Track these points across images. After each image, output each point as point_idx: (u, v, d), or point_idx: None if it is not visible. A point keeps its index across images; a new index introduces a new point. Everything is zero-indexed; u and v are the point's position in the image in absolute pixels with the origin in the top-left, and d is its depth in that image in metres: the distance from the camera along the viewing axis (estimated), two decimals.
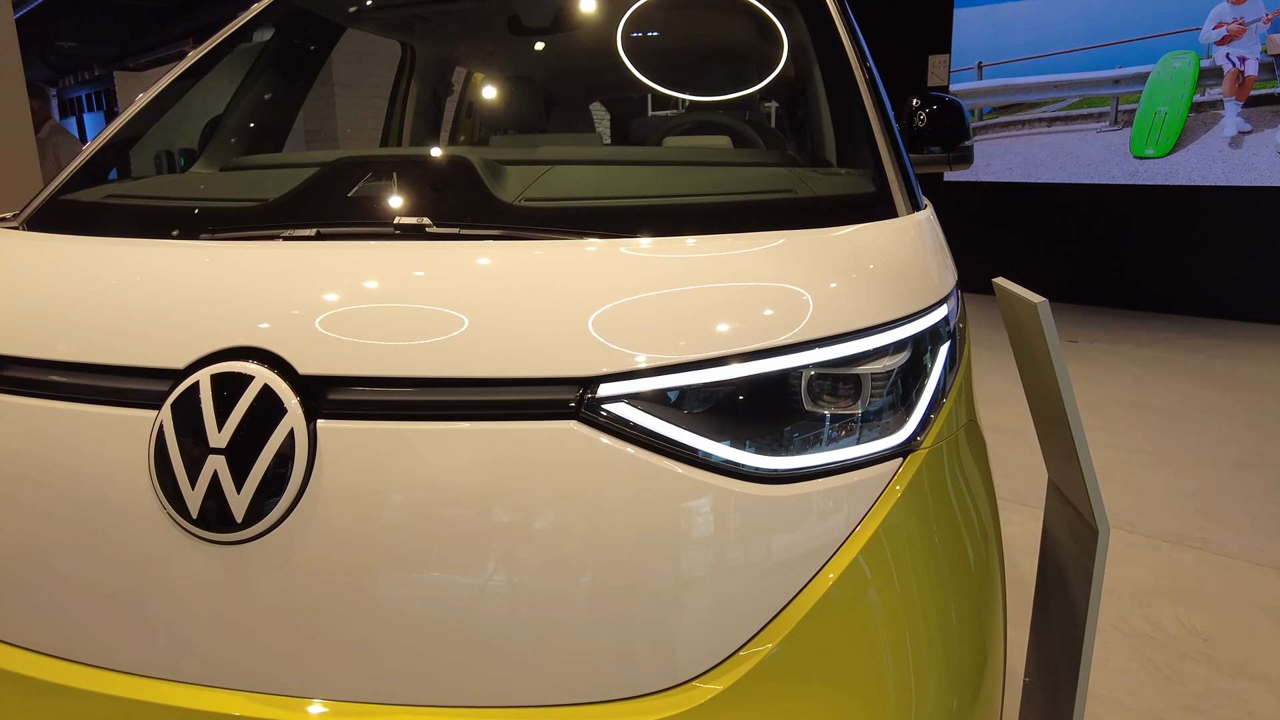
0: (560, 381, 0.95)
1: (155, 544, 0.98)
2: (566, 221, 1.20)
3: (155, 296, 1.08)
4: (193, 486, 0.95)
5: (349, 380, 0.97)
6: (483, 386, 0.95)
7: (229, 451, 0.94)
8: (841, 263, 1.10)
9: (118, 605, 1.01)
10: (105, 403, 1.03)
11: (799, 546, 0.96)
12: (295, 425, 0.94)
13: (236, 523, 0.94)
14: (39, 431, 1.06)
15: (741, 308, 1.01)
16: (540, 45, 2.64)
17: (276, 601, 0.95)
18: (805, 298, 1.02)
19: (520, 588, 0.93)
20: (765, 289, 1.03)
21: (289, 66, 2.35)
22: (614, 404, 0.94)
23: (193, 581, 0.97)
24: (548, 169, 1.43)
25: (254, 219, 1.31)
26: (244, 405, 0.95)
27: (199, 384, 0.97)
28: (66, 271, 1.19)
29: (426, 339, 0.97)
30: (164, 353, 1.01)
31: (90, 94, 11.42)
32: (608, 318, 0.98)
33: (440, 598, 0.94)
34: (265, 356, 0.97)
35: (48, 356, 1.07)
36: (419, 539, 0.94)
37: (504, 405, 0.95)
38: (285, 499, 0.93)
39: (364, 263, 1.09)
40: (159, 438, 0.97)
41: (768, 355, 0.97)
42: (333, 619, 0.94)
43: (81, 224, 1.36)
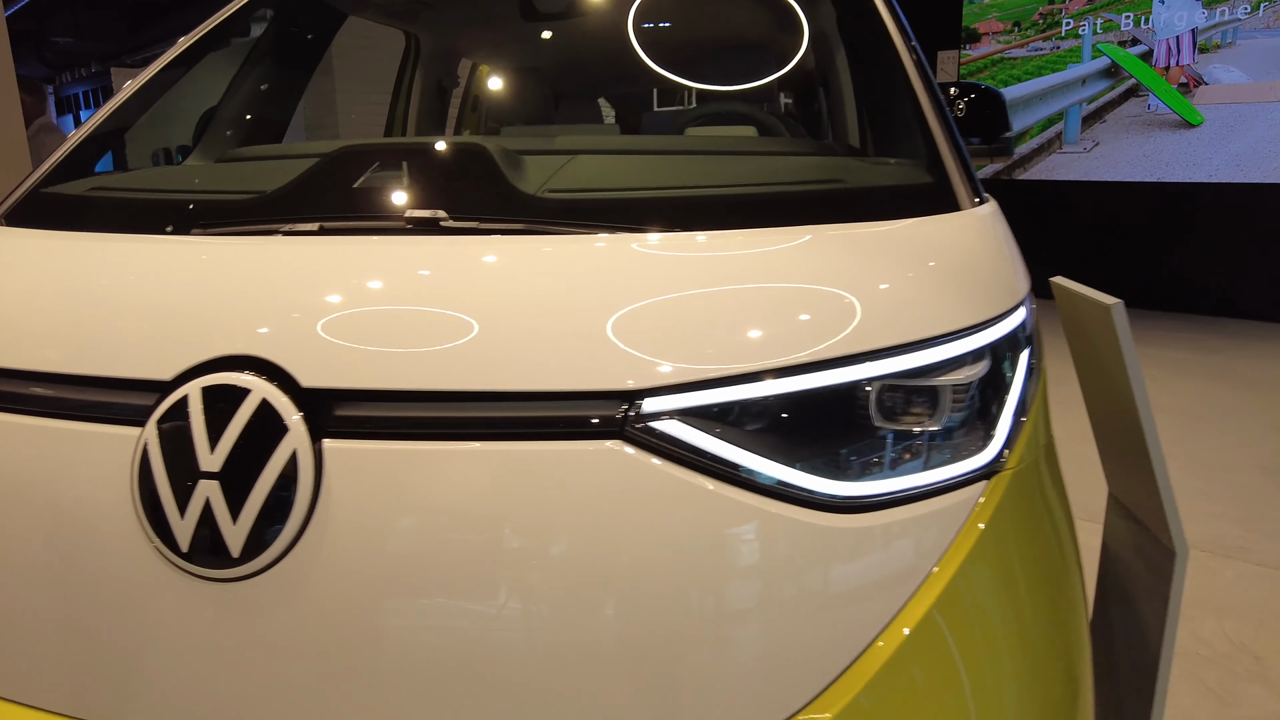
0: (600, 395, 0.83)
1: (138, 580, 0.87)
2: (597, 215, 1.07)
3: (139, 298, 0.97)
4: (182, 515, 0.83)
5: (358, 394, 0.85)
6: (511, 401, 0.83)
7: (223, 475, 0.82)
8: (915, 261, 0.98)
9: (95, 650, 0.89)
10: (81, 418, 0.91)
11: (877, 585, 0.84)
12: (299, 445, 0.82)
13: (233, 557, 0.82)
14: (5, 450, 0.94)
15: (808, 311, 0.89)
16: (552, 33, 2.52)
17: (279, 647, 0.83)
18: (878, 299, 0.91)
19: (559, 629, 0.81)
20: (833, 290, 0.91)
21: (288, 55, 2.24)
22: (662, 421, 0.82)
23: (182, 624, 0.85)
24: (568, 159, 1.31)
25: (250, 213, 1.19)
26: (240, 422, 0.83)
27: (188, 398, 0.85)
28: (42, 270, 1.07)
29: (447, 347, 0.85)
30: (149, 362, 0.89)
31: (87, 91, 11.28)
32: (654, 323, 0.86)
33: (468, 643, 0.82)
34: (263, 366, 0.85)
35: (17, 365, 0.96)
36: (442, 576, 0.82)
37: (536, 423, 0.83)
38: (288, 530, 0.82)
39: (373, 261, 0.97)
40: (143, 459, 0.85)
41: (839, 365, 0.85)
42: (344, 667, 0.82)
43: (62, 219, 1.24)
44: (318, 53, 2.33)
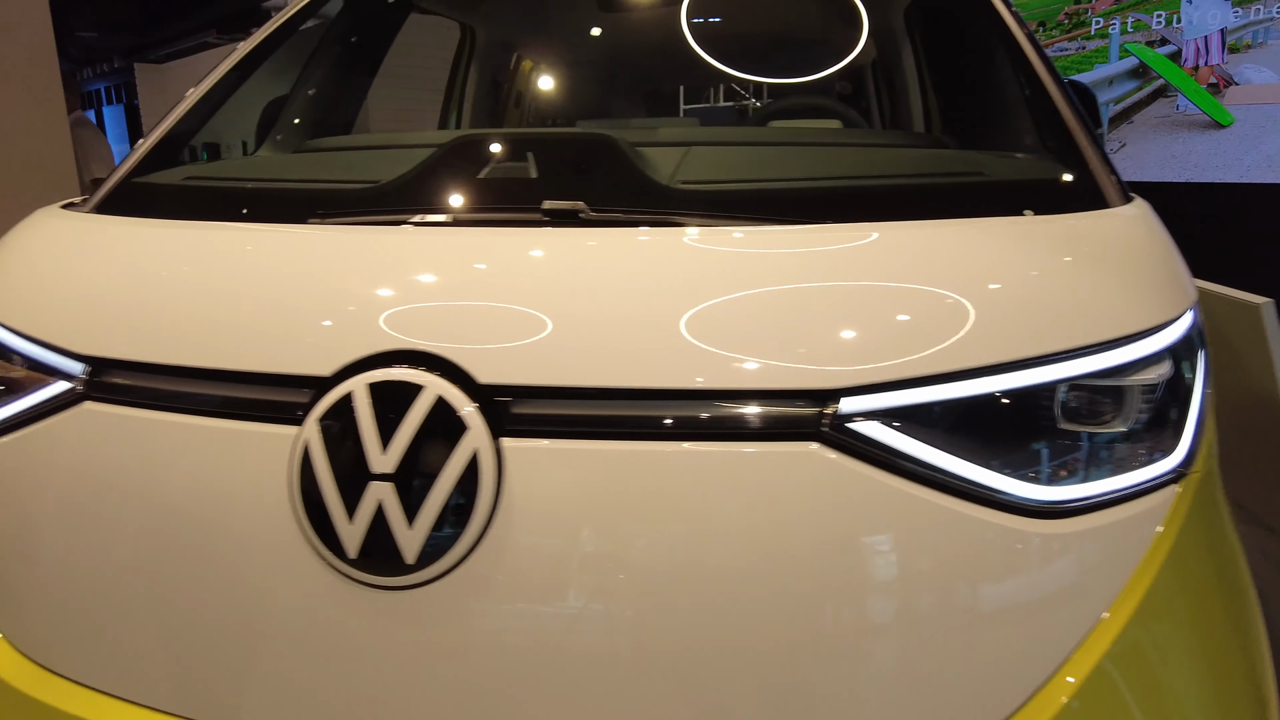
0: (795, 395, 0.79)
1: (297, 587, 0.83)
2: (745, 207, 1.04)
3: (285, 290, 0.93)
4: (350, 519, 0.79)
5: (537, 391, 0.81)
6: (699, 401, 0.80)
7: (396, 477, 0.78)
8: (1095, 259, 0.94)
9: (250, 661, 0.86)
10: (229, 415, 0.88)
11: (1077, 591, 0.81)
12: (480, 445, 0.78)
13: (407, 563, 0.78)
14: (146, 450, 0.91)
15: (1000, 308, 0.85)
16: (620, 25, 2.47)
17: (454, 659, 0.80)
18: (1067, 297, 0.87)
19: (755, 636, 0.77)
20: (1021, 286, 0.87)
21: (356, 47, 2.19)
22: (859, 421, 0.78)
23: (347, 633, 0.82)
24: (685, 151, 1.27)
25: (370, 202, 1.15)
26: (414, 421, 0.79)
27: (353, 395, 0.81)
28: (171, 260, 1.03)
29: (628, 344, 0.81)
30: (304, 357, 0.85)
31: (109, 87, 11.26)
32: (846, 320, 0.82)
33: (658, 653, 0.78)
34: (432, 362, 0.82)
35: (155, 360, 0.92)
36: (630, 582, 0.78)
37: (727, 423, 0.79)
38: (468, 535, 0.78)
39: (528, 253, 0.93)
40: (304, 459, 0.81)
41: (1035, 365, 0.82)
42: (524, 680, 0.79)
43: (171, 208, 1.20)
44: (385, 45, 2.29)
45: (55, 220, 1.26)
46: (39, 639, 0.99)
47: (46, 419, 0.97)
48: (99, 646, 0.94)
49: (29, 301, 1.05)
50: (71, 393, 0.95)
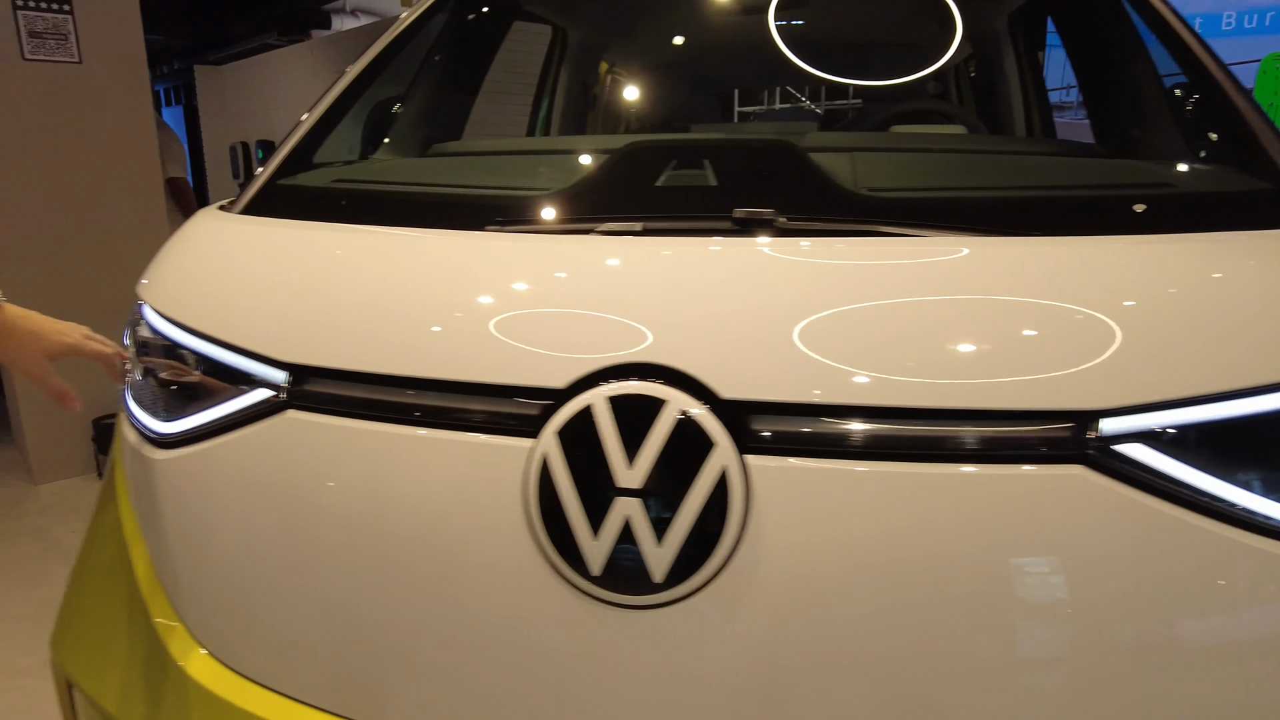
0: (1054, 416, 0.76)
1: (531, 603, 0.81)
2: (945, 216, 1.00)
3: (504, 300, 0.91)
4: (595, 535, 0.77)
5: (780, 408, 0.79)
6: (951, 420, 0.77)
7: (643, 493, 0.77)
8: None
9: (476, 677, 0.84)
10: (446, 426, 0.86)
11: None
12: (728, 462, 0.76)
13: (655, 582, 0.76)
14: (355, 459, 0.90)
15: (1263, 322, 0.81)
16: (718, 25, 2.45)
17: (701, 680, 0.78)
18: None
19: (1017, 670, 0.75)
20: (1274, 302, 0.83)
21: (465, 53, 2.19)
22: (1125, 444, 0.75)
23: (588, 652, 0.80)
24: (851, 156, 1.24)
25: (555, 210, 1.13)
26: (660, 436, 0.77)
27: (592, 408, 0.79)
28: (368, 266, 1.02)
29: (872, 360, 0.78)
30: (533, 369, 0.84)
31: (168, 88, 11.47)
32: (1100, 334, 0.79)
33: (912, 681, 0.76)
34: (669, 375, 0.80)
35: (363, 368, 0.91)
36: (881, 605, 0.75)
37: (982, 444, 0.76)
38: (718, 554, 0.76)
39: (751, 263, 0.90)
40: (542, 473, 0.80)
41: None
42: (776, 703, 0.77)
43: (336, 211, 1.19)
44: (493, 50, 2.29)
45: (227, 225, 1.26)
46: (240, 647, 0.98)
47: (247, 426, 0.97)
48: (304, 657, 0.94)
49: (222, 308, 1.05)
50: (274, 400, 0.95)
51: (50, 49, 3.55)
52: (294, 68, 8.15)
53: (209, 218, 1.32)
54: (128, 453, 1.14)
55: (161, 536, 1.06)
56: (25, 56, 3.51)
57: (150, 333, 1.15)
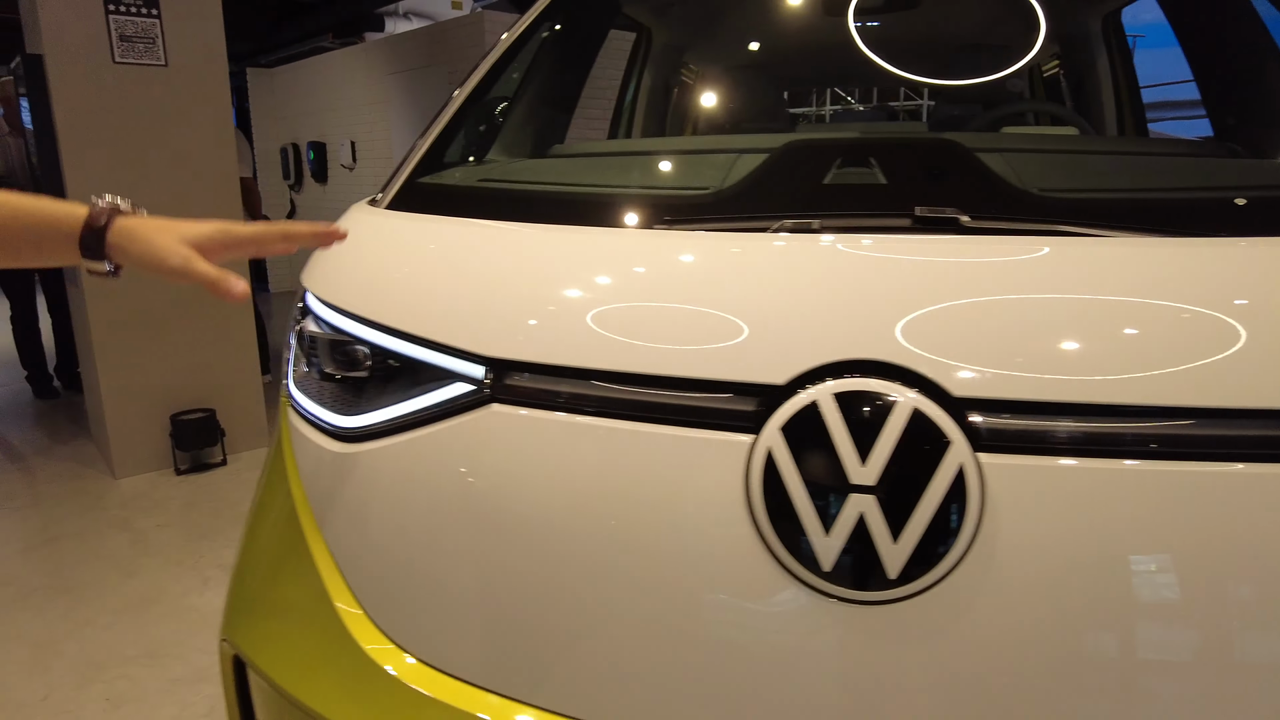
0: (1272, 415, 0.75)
1: (756, 601, 0.82)
2: (1133, 217, 0.99)
3: (711, 296, 0.92)
4: (826, 532, 0.78)
5: (1010, 406, 0.79)
6: (1183, 417, 0.76)
7: (877, 491, 0.77)
8: None
9: (705, 678, 0.85)
10: (660, 421, 0.88)
11: None
12: (964, 461, 0.76)
13: (888, 578, 0.77)
14: (563, 453, 0.91)
15: None
16: (808, 25, 2.44)
17: (932, 674, 0.78)
18: None
19: (1269, 675, 0.74)
20: None
21: (572, 52, 2.21)
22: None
23: (822, 648, 0.81)
24: (1013, 156, 1.23)
25: (722, 208, 1.14)
26: (893, 433, 0.78)
27: (817, 404, 0.80)
28: (559, 262, 1.03)
29: (1101, 357, 0.78)
30: (751, 364, 0.85)
31: None
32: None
33: (1153, 682, 0.75)
34: (899, 373, 0.80)
35: (568, 364, 0.93)
36: (1121, 606, 0.75)
37: (1222, 443, 0.75)
38: (954, 552, 0.76)
39: (965, 261, 0.90)
40: (767, 470, 0.80)
41: None
42: (1008, 698, 0.77)
43: (496, 209, 1.20)
44: (595, 52, 2.31)
45: (392, 221, 1.28)
46: (435, 639, 1.00)
47: (447, 420, 0.98)
48: (506, 652, 0.96)
49: (409, 303, 1.07)
50: (477, 394, 0.97)
51: (139, 52, 3.63)
52: (347, 70, 8.28)
53: (368, 213, 1.34)
54: (302, 445, 1.17)
55: (347, 527, 1.08)
56: (116, 60, 3.60)
57: (323, 327, 1.17)
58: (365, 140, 8.27)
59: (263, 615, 1.19)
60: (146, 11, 3.63)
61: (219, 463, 4.21)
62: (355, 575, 1.08)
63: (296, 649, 1.12)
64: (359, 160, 8.43)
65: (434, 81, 7.07)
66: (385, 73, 7.74)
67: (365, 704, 1.02)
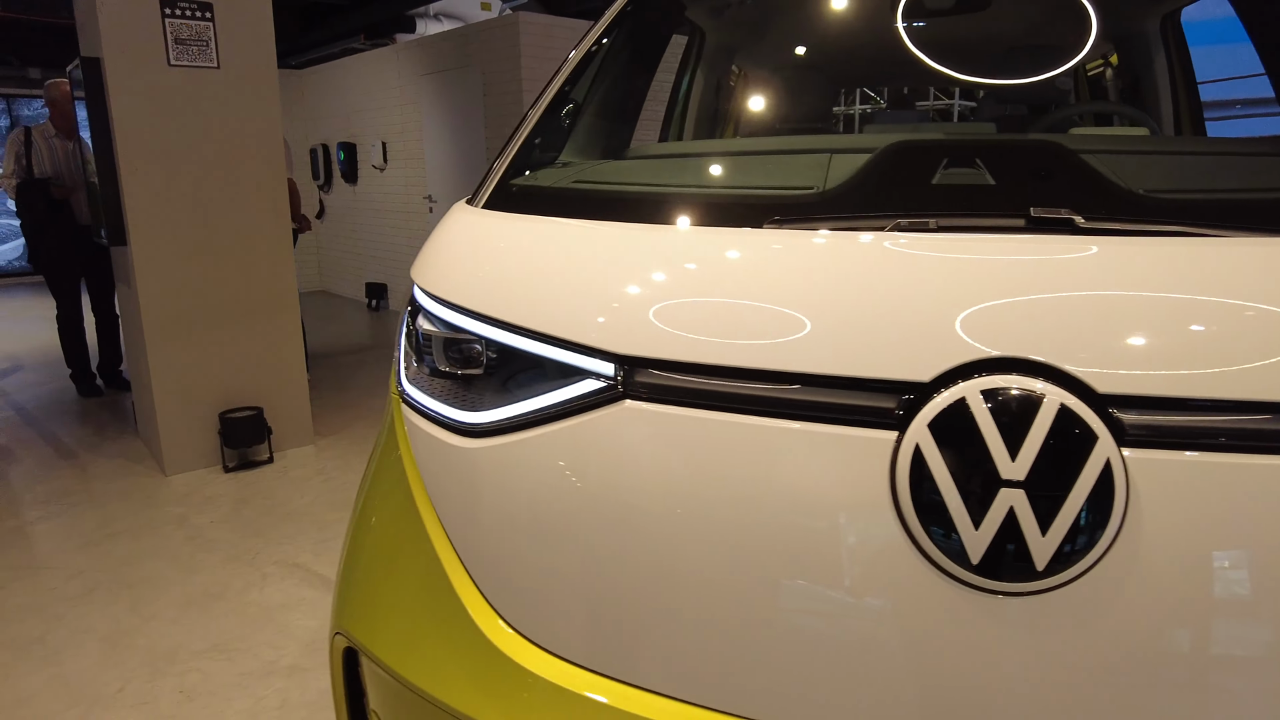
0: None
1: (903, 593, 0.84)
2: (1247, 216, 1.01)
3: (850, 295, 0.93)
4: (976, 526, 0.80)
5: (1153, 402, 0.81)
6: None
7: (1026, 485, 0.79)
8: None
9: (854, 670, 0.87)
10: (797, 417, 0.90)
11: None
12: (1111, 456, 0.78)
13: (1036, 570, 0.79)
14: (702, 451, 0.93)
15: None
16: (866, 24, 2.46)
17: (1079, 662, 0.80)
18: None
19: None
20: None
21: (639, 55, 2.23)
22: None
23: (972, 639, 0.83)
24: (1113, 158, 1.24)
25: (828, 208, 1.16)
26: (1041, 430, 0.79)
27: (965, 401, 0.82)
28: (685, 261, 1.05)
29: (1240, 355, 0.80)
30: (894, 361, 0.87)
31: None
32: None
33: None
34: (1039, 370, 0.82)
35: (708, 361, 0.95)
36: (1266, 598, 0.77)
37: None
38: (1099, 545, 0.78)
39: (1091, 262, 0.91)
40: (914, 465, 0.83)
41: None
42: (1153, 687, 0.79)
43: (598, 209, 1.22)
44: (661, 52, 2.33)
45: (499, 221, 1.30)
46: (564, 632, 1.03)
47: (578, 416, 1.01)
48: (641, 645, 0.98)
49: (532, 300, 1.09)
50: (609, 390, 0.99)
51: (192, 55, 3.69)
52: (379, 71, 8.35)
53: (473, 214, 1.37)
54: (421, 441, 1.19)
55: (473, 520, 1.11)
56: (170, 63, 3.65)
57: (438, 325, 1.20)
58: (396, 141, 8.34)
59: (384, 610, 1.21)
60: (200, 14, 3.68)
61: (266, 460, 4.27)
62: (480, 569, 1.11)
63: (421, 643, 1.15)
64: (390, 161, 8.50)
65: (467, 83, 7.12)
66: (418, 74, 7.80)
67: (498, 697, 1.05)
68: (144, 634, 2.69)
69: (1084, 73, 3.01)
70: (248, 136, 3.98)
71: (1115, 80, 2.82)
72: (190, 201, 3.84)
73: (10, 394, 5.67)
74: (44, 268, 5.19)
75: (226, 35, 3.80)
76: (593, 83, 2.05)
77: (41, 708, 2.33)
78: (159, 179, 3.75)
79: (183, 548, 3.32)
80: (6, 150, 5.07)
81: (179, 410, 4.07)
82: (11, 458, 4.39)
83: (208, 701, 2.34)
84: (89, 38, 3.69)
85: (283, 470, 4.17)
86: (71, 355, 5.52)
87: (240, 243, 4.05)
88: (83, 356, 5.55)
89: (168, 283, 3.89)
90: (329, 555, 3.23)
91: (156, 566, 3.16)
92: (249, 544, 3.34)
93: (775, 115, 2.81)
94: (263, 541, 3.36)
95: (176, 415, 4.07)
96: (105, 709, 2.32)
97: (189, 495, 3.86)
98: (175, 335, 3.98)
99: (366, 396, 5.52)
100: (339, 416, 5.04)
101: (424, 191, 8.05)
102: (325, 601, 2.87)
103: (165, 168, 3.75)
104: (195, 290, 3.97)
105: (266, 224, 4.13)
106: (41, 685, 2.44)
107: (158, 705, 2.33)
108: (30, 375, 6.19)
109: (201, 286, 3.98)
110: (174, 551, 3.29)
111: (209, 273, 3.99)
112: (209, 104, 3.82)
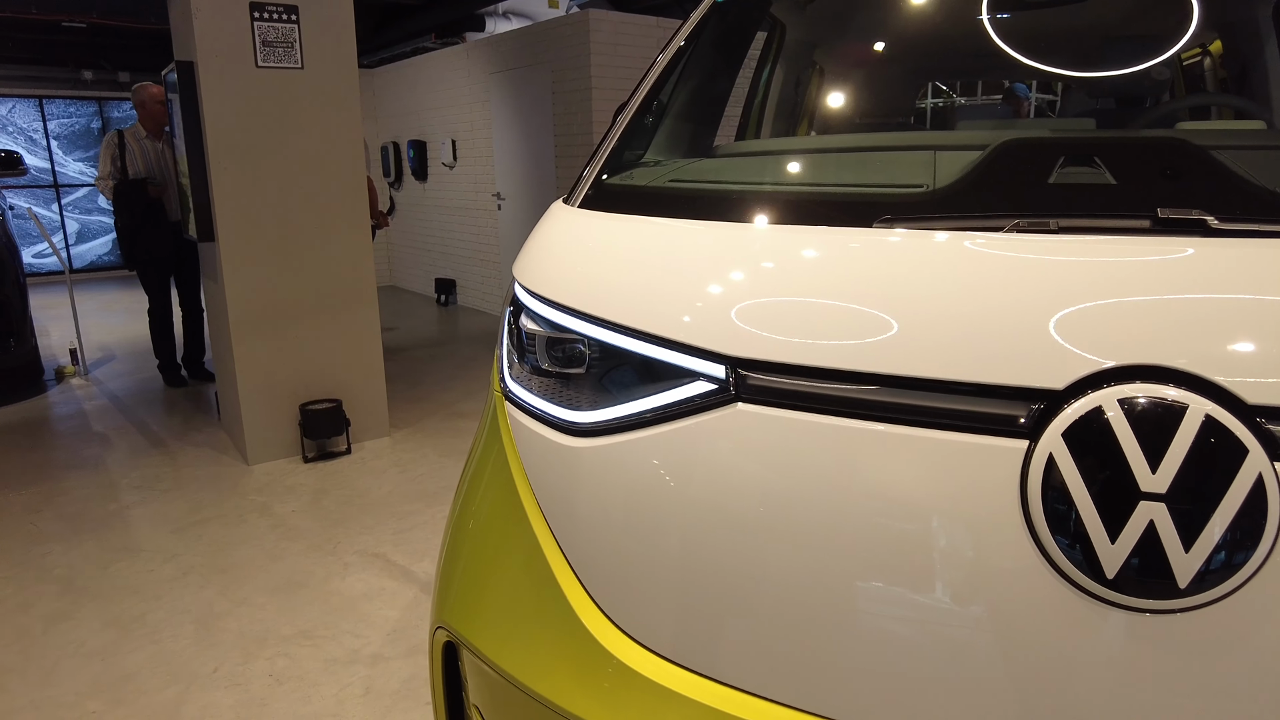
0: None
1: (1032, 607, 0.82)
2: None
3: (977, 300, 0.91)
4: (1112, 540, 0.77)
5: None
6: None
7: (1168, 498, 0.76)
8: None
9: (976, 684, 0.86)
10: (919, 424, 0.88)
11: None
12: (1264, 470, 0.75)
13: (1179, 587, 0.76)
14: (817, 455, 0.92)
15: None
16: (946, 15, 2.40)
17: (1227, 685, 0.77)
18: None
19: None
20: None
21: (724, 52, 2.22)
22: None
23: (1106, 657, 0.80)
24: (1243, 155, 1.18)
25: (940, 207, 1.13)
26: (1184, 441, 0.76)
27: (1102, 410, 0.79)
28: (797, 259, 1.04)
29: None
30: (1025, 368, 0.84)
31: None
32: None
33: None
34: (1181, 379, 0.79)
35: (823, 364, 0.93)
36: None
37: None
38: (1251, 562, 0.75)
39: (1232, 267, 0.88)
40: (1046, 476, 0.80)
41: None
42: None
43: (701, 209, 1.21)
44: (746, 49, 2.31)
45: (601, 221, 1.31)
46: (669, 631, 1.03)
47: (690, 418, 1.01)
48: (754, 649, 0.97)
49: (641, 301, 1.09)
50: (722, 393, 0.99)
51: (279, 56, 3.80)
52: (449, 70, 8.47)
53: (571, 213, 1.38)
54: (526, 439, 1.21)
55: (580, 519, 1.12)
56: (258, 65, 3.77)
57: (542, 324, 1.21)
58: (466, 139, 8.45)
59: (486, 604, 1.23)
60: (286, 17, 3.79)
61: (344, 451, 4.38)
62: (585, 565, 1.11)
63: (523, 637, 1.16)
64: (459, 158, 8.63)
65: (536, 81, 7.18)
66: (488, 72, 7.90)
67: (599, 693, 1.06)
68: (235, 617, 2.79)
69: (1179, 63, 2.89)
70: (329, 135, 4.08)
71: (1217, 71, 2.70)
72: (275, 199, 3.95)
73: (104, 383, 5.92)
74: (139, 264, 5.41)
75: (310, 37, 3.90)
76: (680, 81, 2.04)
77: (145, 683, 2.44)
78: (246, 177, 3.87)
79: (267, 536, 3.42)
80: (102, 153, 5.29)
81: (261, 402, 4.20)
82: (109, 445, 4.59)
83: (296, 686, 2.41)
84: (183, 42, 3.83)
85: (360, 461, 4.27)
86: (160, 347, 5.75)
87: (321, 239, 4.16)
88: (170, 349, 5.77)
89: (252, 278, 4.02)
90: (408, 546, 3.30)
91: (243, 553, 3.27)
92: (330, 534, 3.43)
93: (862, 110, 2.76)
94: (343, 531, 3.45)
95: (259, 407, 4.20)
96: (202, 689, 2.41)
97: (270, 484, 3.98)
98: (259, 329, 4.10)
99: (439, 390, 5.61)
100: (413, 410, 5.14)
101: (493, 189, 8.15)
102: (405, 592, 2.93)
103: (252, 166, 3.87)
104: (278, 285, 4.09)
105: (347, 221, 4.23)
106: (144, 662, 2.54)
107: (249, 687, 2.41)
108: (121, 365, 6.45)
109: (284, 281, 4.10)
110: (259, 539, 3.39)
111: (292, 268, 4.11)
112: (293, 104, 3.93)
